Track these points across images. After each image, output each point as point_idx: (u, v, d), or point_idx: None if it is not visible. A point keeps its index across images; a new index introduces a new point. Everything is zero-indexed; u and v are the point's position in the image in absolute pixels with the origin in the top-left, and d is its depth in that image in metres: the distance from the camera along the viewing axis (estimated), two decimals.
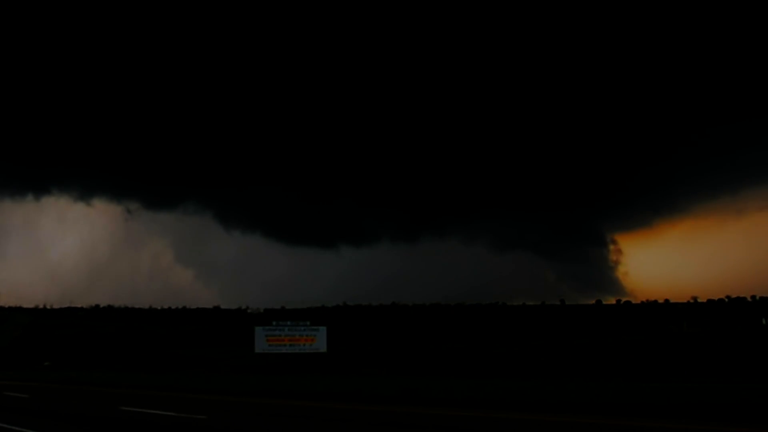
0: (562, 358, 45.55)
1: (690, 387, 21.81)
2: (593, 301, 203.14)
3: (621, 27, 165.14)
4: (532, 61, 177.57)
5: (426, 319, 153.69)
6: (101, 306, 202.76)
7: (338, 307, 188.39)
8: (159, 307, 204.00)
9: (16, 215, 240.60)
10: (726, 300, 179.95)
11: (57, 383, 44.02)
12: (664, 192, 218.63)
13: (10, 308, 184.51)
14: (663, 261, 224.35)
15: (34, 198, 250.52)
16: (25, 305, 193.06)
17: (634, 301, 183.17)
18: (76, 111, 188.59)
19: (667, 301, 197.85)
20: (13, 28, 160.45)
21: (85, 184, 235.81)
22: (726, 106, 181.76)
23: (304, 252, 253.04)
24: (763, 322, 76.11)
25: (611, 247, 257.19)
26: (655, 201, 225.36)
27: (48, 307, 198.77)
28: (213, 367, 74.47)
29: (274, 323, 71.77)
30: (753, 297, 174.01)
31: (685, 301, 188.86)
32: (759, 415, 13.02)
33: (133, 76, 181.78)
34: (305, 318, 79.00)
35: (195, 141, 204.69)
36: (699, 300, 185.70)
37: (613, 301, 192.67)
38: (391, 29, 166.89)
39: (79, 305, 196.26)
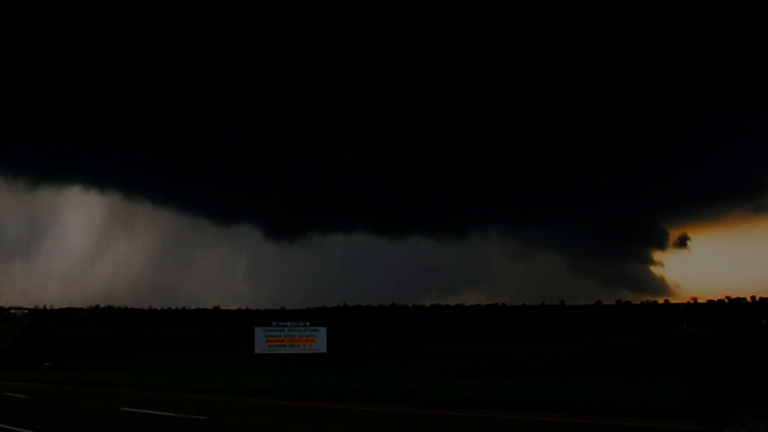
0: (562, 358, 45.53)
1: (690, 387, 21.80)
2: (593, 302, 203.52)
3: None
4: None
5: (426, 319, 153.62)
6: (101, 306, 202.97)
7: (338, 308, 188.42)
8: (159, 308, 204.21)
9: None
10: (726, 300, 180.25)
11: (57, 383, 44.01)
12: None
13: (10, 308, 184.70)
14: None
15: None
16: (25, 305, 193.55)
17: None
18: None
19: (666, 301, 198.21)
20: None
21: None
22: None
23: None
24: (763, 322, 76.10)
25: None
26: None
27: (48, 307, 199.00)
28: (213, 368, 74.44)
29: (274, 324, 71.70)
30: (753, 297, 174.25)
31: (685, 301, 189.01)
32: None
33: None
34: (305, 318, 79.02)
35: None
36: (699, 300, 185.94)
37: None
38: None
39: (79, 305, 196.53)
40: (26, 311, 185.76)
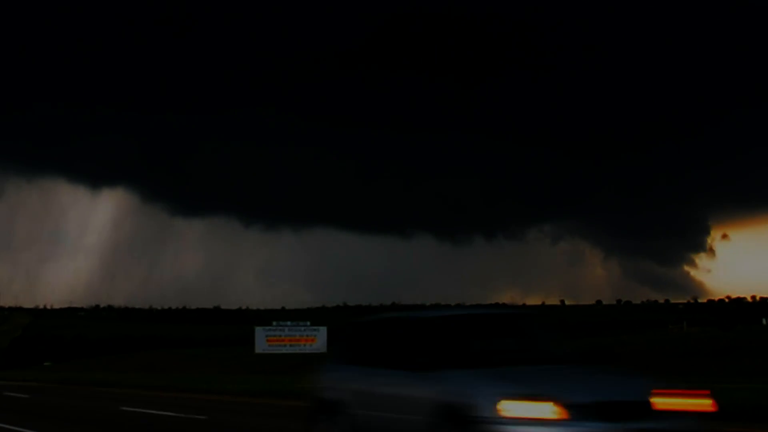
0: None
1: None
2: (594, 302, 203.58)
3: None
4: None
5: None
6: (101, 306, 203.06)
7: (338, 308, 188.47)
8: (159, 307, 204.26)
9: None
10: (726, 300, 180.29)
11: (57, 383, 44.02)
12: None
13: (10, 308, 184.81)
14: None
15: None
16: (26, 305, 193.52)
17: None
18: None
19: (667, 300, 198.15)
20: None
21: None
22: None
23: None
24: (764, 322, 76.10)
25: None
26: None
27: (48, 307, 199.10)
28: (213, 368, 74.52)
29: (274, 323, 71.80)
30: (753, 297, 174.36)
31: (684, 301, 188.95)
32: (759, 415, 13.01)
33: None
34: (305, 318, 79.07)
35: None
36: (699, 300, 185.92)
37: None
38: None
39: (79, 305, 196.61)
40: None
